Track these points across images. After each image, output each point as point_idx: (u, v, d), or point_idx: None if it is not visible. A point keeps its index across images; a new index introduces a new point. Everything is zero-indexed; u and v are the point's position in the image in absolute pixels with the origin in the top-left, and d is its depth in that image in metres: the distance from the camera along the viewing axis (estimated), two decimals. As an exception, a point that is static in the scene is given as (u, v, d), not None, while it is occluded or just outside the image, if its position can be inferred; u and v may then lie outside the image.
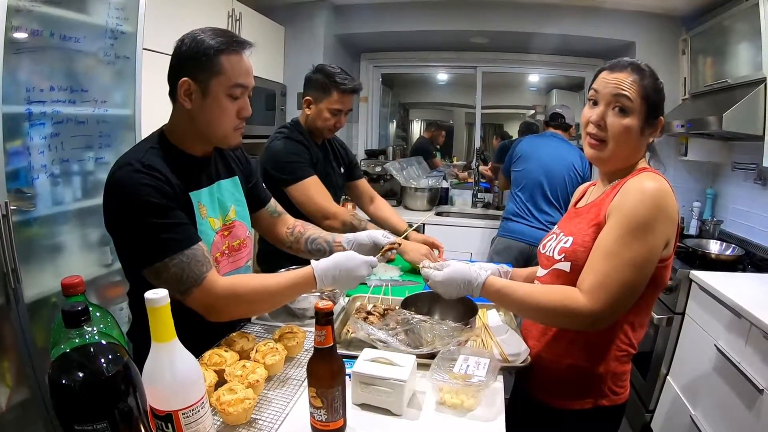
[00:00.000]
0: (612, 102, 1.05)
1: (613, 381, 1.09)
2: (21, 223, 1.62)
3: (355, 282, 1.17)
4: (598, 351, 1.08)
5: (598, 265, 0.98)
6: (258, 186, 1.47)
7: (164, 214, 1.03)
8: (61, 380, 0.64)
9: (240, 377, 0.97)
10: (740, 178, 2.80)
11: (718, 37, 2.68)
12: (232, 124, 1.14)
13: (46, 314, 1.67)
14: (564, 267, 1.08)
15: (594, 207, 1.10)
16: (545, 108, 4.57)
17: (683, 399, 2.09)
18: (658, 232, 0.97)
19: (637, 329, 1.09)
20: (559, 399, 1.13)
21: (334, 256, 1.15)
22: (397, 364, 0.99)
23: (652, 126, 1.06)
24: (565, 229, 1.16)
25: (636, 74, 1.04)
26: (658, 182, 0.98)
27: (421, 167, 4.16)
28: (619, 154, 1.07)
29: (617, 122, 1.04)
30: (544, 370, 1.15)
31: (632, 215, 0.96)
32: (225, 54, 1.07)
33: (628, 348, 1.09)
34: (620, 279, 0.95)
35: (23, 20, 1.55)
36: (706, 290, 2.01)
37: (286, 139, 1.84)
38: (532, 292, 1.06)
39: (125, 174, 1.04)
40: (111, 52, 1.91)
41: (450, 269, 1.12)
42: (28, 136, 1.63)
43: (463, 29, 3.61)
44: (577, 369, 1.10)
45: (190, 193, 1.14)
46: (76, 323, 0.66)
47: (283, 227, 1.52)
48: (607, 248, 0.98)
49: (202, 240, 1.10)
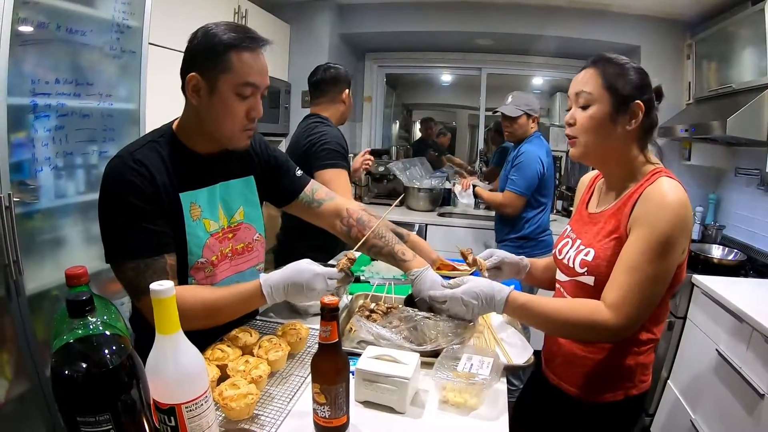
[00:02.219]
0: (575, 100, 1.09)
1: (641, 371, 1.14)
2: (23, 215, 1.61)
3: (312, 295, 1.07)
4: (627, 346, 1.11)
5: (621, 279, 1.00)
6: (288, 177, 1.37)
7: (137, 216, 1.02)
8: (64, 371, 0.64)
9: (243, 372, 0.97)
10: (743, 183, 2.80)
11: (723, 42, 2.68)
12: (240, 124, 1.09)
13: (47, 307, 1.66)
14: (588, 281, 1.09)
15: (612, 217, 1.09)
16: (548, 111, 4.56)
17: (683, 403, 2.09)
18: (680, 245, 0.99)
19: (660, 322, 1.13)
20: (593, 393, 1.16)
21: (284, 268, 1.08)
22: (400, 362, 0.99)
23: (624, 112, 1.04)
24: (581, 237, 1.16)
25: (595, 68, 1.06)
26: (679, 193, 0.99)
27: (424, 168, 4.16)
28: (592, 145, 1.08)
29: (581, 115, 1.08)
30: (577, 366, 1.17)
31: (657, 229, 0.97)
32: (236, 51, 1.03)
33: (652, 339, 1.13)
34: (643, 293, 0.98)
35: (30, 12, 1.55)
36: (708, 295, 2.01)
37: (332, 129, 1.93)
38: (555, 309, 1.06)
39: (114, 166, 1.04)
40: (117, 46, 1.91)
41: (470, 284, 1.09)
42: (33, 128, 1.62)
43: (468, 30, 3.60)
44: (610, 364, 1.13)
45: (182, 193, 1.10)
46: (81, 313, 0.66)
47: (333, 219, 1.38)
48: (630, 263, 0.99)
49: (171, 253, 1.06)
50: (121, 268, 1.03)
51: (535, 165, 2.56)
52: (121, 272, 1.03)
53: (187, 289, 1.07)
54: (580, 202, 1.29)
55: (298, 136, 1.97)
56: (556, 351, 1.24)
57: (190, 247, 1.12)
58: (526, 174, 2.56)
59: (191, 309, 1.02)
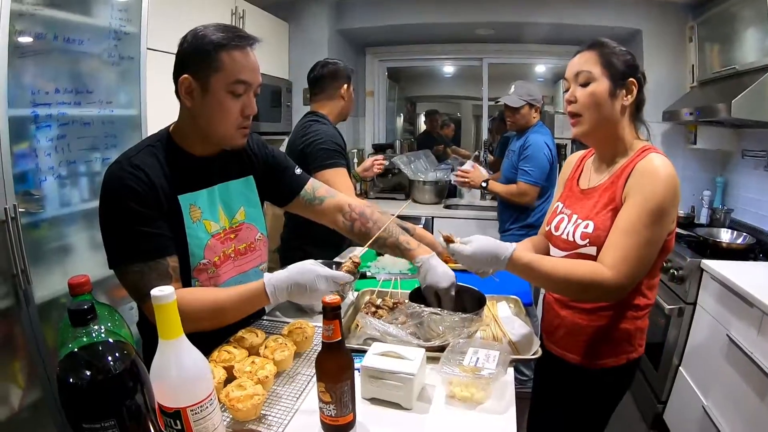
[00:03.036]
0: (575, 79, 1.18)
1: (639, 335, 1.24)
2: (29, 225, 1.63)
3: (315, 296, 1.05)
4: (623, 312, 1.20)
5: (619, 242, 1.08)
6: (288, 175, 1.37)
7: (137, 220, 1.02)
8: (69, 379, 0.64)
9: (249, 373, 0.97)
10: (750, 165, 2.76)
11: (725, 24, 2.64)
12: (235, 123, 1.10)
13: (57, 315, 1.68)
14: (590, 251, 1.16)
15: (606, 191, 1.18)
16: (552, 99, 4.53)
17: (695, 389, 2.07)
18: (671, 213, 1.10)
19: (653, 288, 1.23)
20: (597, 359, 1.24)
21: (288, 268, 1.08)
22: (406, 358, 0.98)
23: (621, 87, 1.15)
24: (578, 212, 1.24)
25: (591, 50, 1.17)
26: (669, 167, 1.08)
27: (428, 160, 4.14)
28: (594, 121, 1.17)
29: (583, 92, 1.16)
30: (580, 335, 1.25)
31: (652, 199, 1.06)
32: (226, 50, 1.04)
33: (648, 305, 1.23)
34: (640, 254, 1.07)
35: (27, 24, 1.56)
36: (718, 279, 1.99)
37: (327, 126, 1.91)
38: (560, 266, 1.12)
39: (112, 171, 1.05)
40: (115, 53, 1.92)
41: (477, 243, 1.13)
42: (35, 138, 1.63)
43: (467, 21, 3.58)
44: (611, 330, 1.21)
45: (180, 196, 1.11)
46: (83, 322, 0.66)
47: (334, 216, 1.38)
48: (627, 227, 1.08)
49: (173, 255, 1.07)
50: (125, 273, 1.03)
51: (544, 152, 2.57)
52: (125, 277, 1.04)
53: (190, 292, 1.08)
54: (569, 179, 1.37)
55: (294, 137, 1.97)
56: (558, 324, 1.32)
57: (191, 249, 1.12)
58: (537, 163, 2.57)
59: (196, 311, 1.03)
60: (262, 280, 1.07)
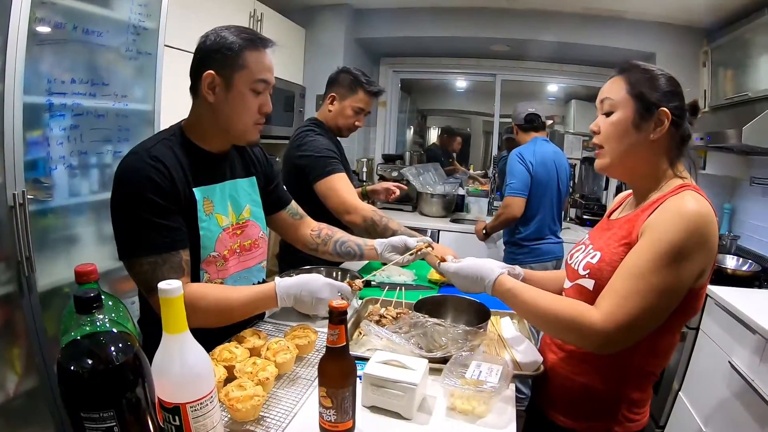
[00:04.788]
0: (600, 109, 1.06)
1: (628, 407, 1.03)
2: (37, 212, 1.63)
3: (317, 305, 1.11)
4: (614, 373, 1.02)
5: (619, 285, 0.91)
6: (279, 188, 1.47)
7: (155, 212, 1.04)
8: (70, 366, 0.64)
9: (250, 374, 0.97)
10: (758, 193, 2.75)
11: (739, 50, 2.65)
12: (253, 118, 1.16)
13: (58, 304, 1.68)
14: (587, 284, 1.03)
15: (627, 223, 1.02)
16: (563, 119, 4.53)
17: (695, 415, 2.05)
18: (693, 262, 0.89)
19: (660, 355, 1.01)
20: (571, 419, 1.08)
21: (299, 275, 1.14)
22: (409, 368, 0.98)
23: (648, 119, 0.98)
24: (595, 242, 1.10)
25: (622, 74, 1.03)
26: (700, 205, 0.90)
27: (437, 173, 4.15)
28: (616, 154, 1.03)
29: (605, 123, 1.04)
30: (558, 387, 1.11)
31: (667, 238, 0.88)
32: (249, 50, 1.10)
33: (648, 374, 1.03)
34: (641, 303, 0.88)
35: (47, 12, 1.57)
36: (722, 306, 1.98)
37: (319, 135, 1.87)
38: (541, 298, 1.02)
39: (130, 162, 1.06)
40: (133, 48, 1.93)
41: (464, 263, 1.14)
42: (48, 127, 1.64)
43: (483, 36, 3.60)
44: (591, 390, 1.04)
45: (195, 188, 1.14)
46: (88, 310, 0.66)
47: (306, 229, 1.52)
48: (633, 269, 0.91)
49: (186, 248, 1.09)
50: (137, 265, 1.04)
51: (516, 163, 2.60)
52: (137, 268, 1.04)
53: (201, 287, 1.10)
54: (606, 214, 1.23)
55: (289, 147, 1.92)
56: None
57: (203, 241, 1.15)
58: (514, 173, 2.61)
59: (206, 307, 1.06)
60: (272, 283, 1.11)
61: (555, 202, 2.68)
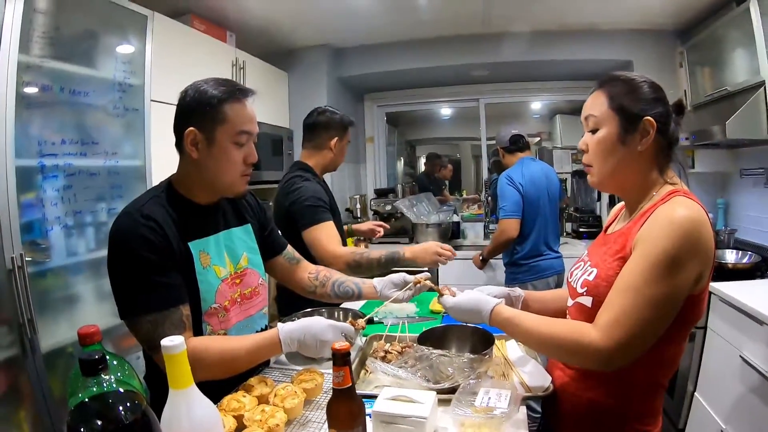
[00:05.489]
0: (585, 126, 1.06)
1: (638, 419, 1.01)
2: (36, 274, 1.63)
3: (322, 348, 1.09)
4: (620, 387, 1.00)
5: (615, 300, 0.91)
6: (274, 233, 1.48)
7: (151, 270, 1.03)
8: (80, 429, 0.64)
9: (259, 422, 0.96)
10: (750, 184, 2.78)
11: (714, 47, 2.71)
12: (239, 171, 1.16)
13: (63, 364, 1.67)
14: (586, 302, 1.03)
15: (621, 237, 1.01)
16: (550, 135, 4.58)
17: (713, 414, 2.03)
18: (687, 269, 0.88)
19: (666, 365, 1.00)
20: None
21: (301, 319, 1.13)
22: (417, 401, 0.97)
23: (633, 131, 0.98)
24: (592, 259, 1.10)
25: (600, 88, 1.03)
26: (690, 210, 0.89)
27: (431, 203, 4.16)
28: (605, 170, 1.03)
29: (591, 140, 1.04)
30: (567, 404, 1.09)
31: (659, 249, 0.88)
32: (228, 102, 1.10)
33: (655, 385, 1.01)
34: (639, 317, 0.88)
35: (33, 76, 1.61)
36: (726, 301, 1.98)
37: (306, 182, 1.88)
38: (539, 324, 1.02)
39: (122, 222, 1.07)
40: (120, 105, 1.97)
41: (461, 297, 1.15)
42: (42, 188, 1.66)
43: (462, 63, 3.66)
44: (598, 405, 1.02)
45: (190, 242, 1.13)
46: (94, 372, 0.66)
47: (304, 273, 1.51)
48: (627, 283, 0.90)
49: (185, 303, 1.08)
50: (137, 323, 1.03)
51: (505, 186, 2.65)
52: (137, 327, 1.04)
53: (203, 341, 1.09)
54: (604, 228, 1.23)
55: (279, 194, 1.93)
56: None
57: (202, 294, 1.14)
58: (505, 196, 2.65)
59: (210, 361, 1.05)
60: (275, 329, 1.10)
61: (549, 218, 2.71)
